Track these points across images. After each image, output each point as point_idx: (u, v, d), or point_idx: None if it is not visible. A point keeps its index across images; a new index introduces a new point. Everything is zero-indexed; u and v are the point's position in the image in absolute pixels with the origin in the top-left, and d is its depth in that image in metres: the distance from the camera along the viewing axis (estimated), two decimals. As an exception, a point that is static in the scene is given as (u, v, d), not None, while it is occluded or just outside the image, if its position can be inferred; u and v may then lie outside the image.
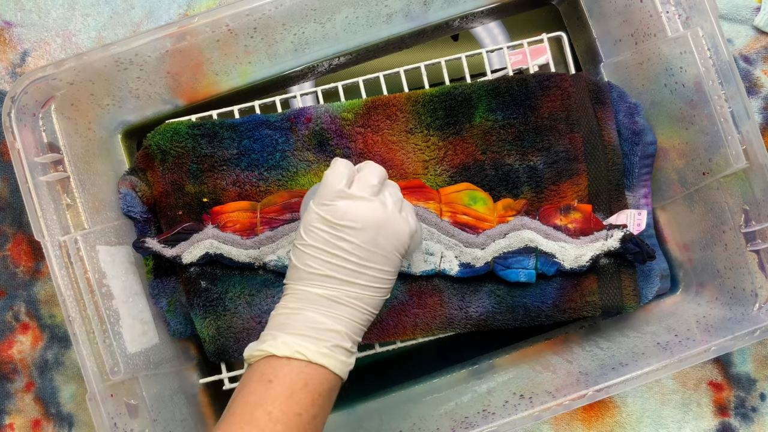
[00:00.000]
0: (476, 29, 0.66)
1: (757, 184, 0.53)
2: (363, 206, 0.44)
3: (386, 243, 0.44)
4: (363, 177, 0.45)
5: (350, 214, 0.43)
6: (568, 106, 0.57)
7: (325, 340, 0.42)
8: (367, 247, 0.43)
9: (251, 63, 0.61)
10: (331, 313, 0.43)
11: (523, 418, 0.51)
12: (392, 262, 0.45)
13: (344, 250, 0.43)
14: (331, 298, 0.43)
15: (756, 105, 0.65)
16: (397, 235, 0.45)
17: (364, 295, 0.44)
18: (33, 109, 0.53)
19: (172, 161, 0.57)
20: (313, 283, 0.44)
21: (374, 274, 0.44)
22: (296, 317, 0.43)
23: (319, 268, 0.43)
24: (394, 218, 0.45)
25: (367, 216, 0.44)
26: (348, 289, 0.43)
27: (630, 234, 0.55)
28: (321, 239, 0.44)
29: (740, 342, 0.52)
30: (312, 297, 0.43)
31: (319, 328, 0.43)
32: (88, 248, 0.53)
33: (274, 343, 0.42)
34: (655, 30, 0.56)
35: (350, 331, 0.44)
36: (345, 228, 0.43)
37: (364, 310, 0.44)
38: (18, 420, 0.62)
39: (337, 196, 0.44)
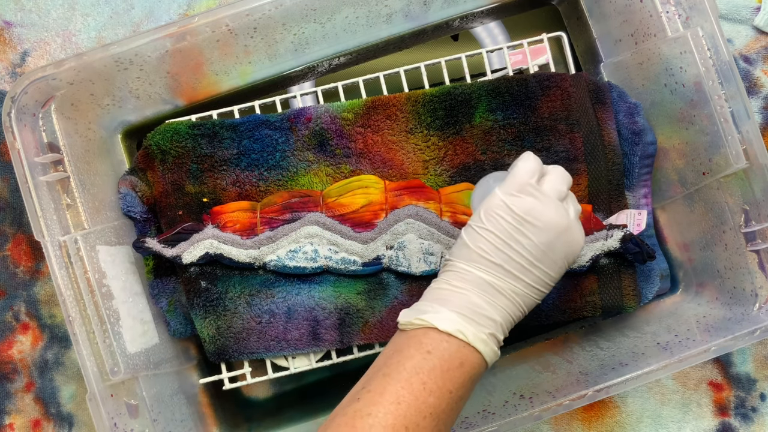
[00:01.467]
0: (476, 29, 0.66)
1: (757, 184, 0.53)
2: (551, 208, 0.44)
3: (561, 249, 0.44)
4: (553, 180, 0.46)
5: (537, 212, 0.44)
6: (568, 106, 0.57)
7: (484, 326, 0.43)
8: (543, 248, 0.44)
9: (251, 63, 0.61)
10: (493, 301, 0.43)
11: (523, 418, 0.51)
12: (560, 268, 0.45)
13: (521, 245, 0.43)
14: (495, 286, 0.43)
15: (756, 105, 0.65)
16: (572, 244, 0.45)
17: (525, 293, 0.44)
18: (33, 109, 0.53)
19: (172, 161, 0.57)
20: (481, 267, 0.44)
21: (541, 275, 0.44)
22: (459, 296, 0.43)
23: (492, 255, 0.44)
24: (574, 227, 0.45)
25: (552, 218, 0.44)
26: (513, 283, 0.44)
27: (630, 234, 0.55)
28: (501, 228, 0.44)
29: (740, 342, 0.52)
30: (477, 280, 0.43)
31: (480, 313, 0.43)
32: (88, 248, 0.53)
33: (438, 317, 0.42)
34: (655, 30, 0.56)
35: (505, 323, 0.44)
36: (528, 224, 0.44)
37: (521, 308, 0.45)
38: (18, 420, 0.62)
39: (526, 190, 0.44)
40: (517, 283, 0.44)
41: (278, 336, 0.57)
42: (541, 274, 0.44)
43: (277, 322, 0.57)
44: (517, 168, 0.45)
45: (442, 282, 0.45)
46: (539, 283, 0.45)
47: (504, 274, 0.44)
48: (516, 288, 0.44)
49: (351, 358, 0.59)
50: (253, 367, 0.59)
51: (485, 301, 0.43)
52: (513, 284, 0.44)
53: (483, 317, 0.43)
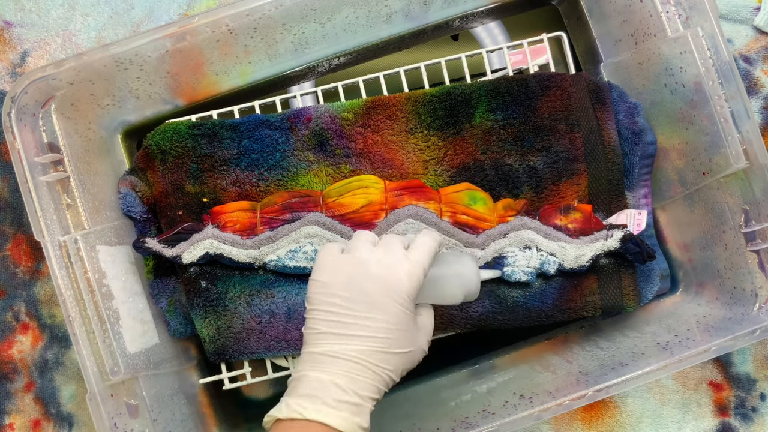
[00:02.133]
0: (476, 29, 0.66)
1: (757, 184, 0.53)
2: (346, 260, 0.45)
3: (374, 291, 0.44)
4: (351, 243, 0.47)
5: (336, 269, 0.44)
6: (568, 106, 0.57)
7: (323, 397, 0.42)
8: (355, 298, 0.44)
9: (251, 63, 0.61)
10: (331, 369, 0.43)
11: (523, 418, 0.51)
12: (390, 311, 0.44)
13: (337, 305, 0.44)
14: (329, 354, 0.43)
15: (756, 105, 0.65)
16: (385, 283, 0.44)
17: (362, 347, 0.43)
18: (33, 109, 0.53)
19: (172, 161, 0.57)
20: (314, 343, 0.44)
21: (369, 324, 0.43)
22: (301, 379, 0.43)
23: (317, 327, 0.44)
24: (379, 266, 0.45)
25: (350, 268, 0.44)
26: (344, 343, 0.43)
27: (630, 234, 0.55)
28: (318, 301, 0.44)
29: (740, 342, 0.52)
30: (315, 357, 0.44)
31: (318, 386, 0.43)
32: (88, 248, 0.53)
33: (279, 407, 0.43)
34: (655, 30, 0.56)
35: (352, 384, 0.43)
36: (333, 283, 0.44)
37: (368, 363, 0.43)
38: (18, 420, 0.62)
39: (327, 261, 0.45)
40: (350, 342, 0.43)
41: (278, 336, 0.57)
42: (368, 322, 0.43)
43: (277, 322, 0.57)
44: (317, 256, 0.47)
45: (294, 372, 0.45)
46: (377, 331, 0.43)
47: (333, 338, 0.43)
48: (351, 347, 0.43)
49: (351, 358, 0.59)
50: (253, 367, 0.59)
51: (325, 373, 0.43)
52: (346, 344, 0.43)
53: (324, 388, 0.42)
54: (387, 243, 0.47)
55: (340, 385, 0.43)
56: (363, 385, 0.43)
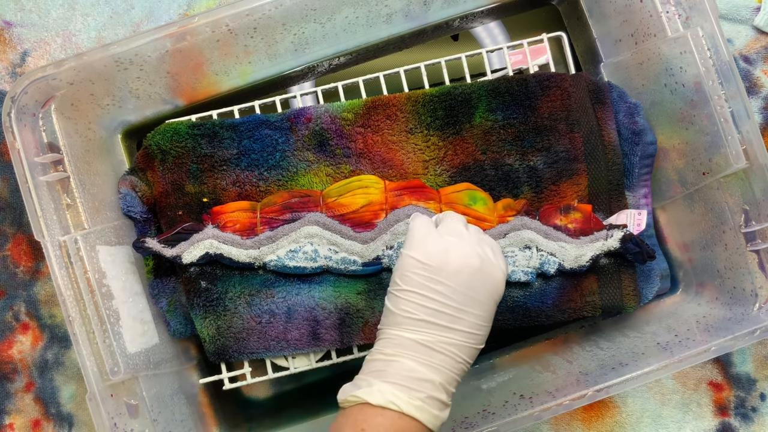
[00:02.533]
0: (476, 29, 0.66)
1: (757, 184, 0.53)
2: (457, 248, 0.44)
3: (481, 287, 0.43)
4: (448, 222, 0.46)
5: (442, 254, 0.43)
6: (568, 106, 0.57)
7: (419, 391, 0.41)
8: (463, 290, 0.43)
9: (251, 63, 0.61)
10: (427, 361, 0.42)
11: (523, 418, 0.51)
12: (487, 308, 0.44)
13: (440, 293, 0.43)
14: (426, 344, 0.42)
15: (756, 105, 0.65)
16: (492, 279, 0.44)
17: (459, 343, 0.43)
18: (33, 109, 0.53)
19: (172, 161, 0.57)
20: (408, 328, 0.43)
21: (470, 319, 0.43)
22: (392, 364, 0.42)
23: (416, 313, 0.43)
24: (489, 262, 0.44)
25: (460, 258, 0.43)
26: (444, 336, 0.43)
27: (630, 234, 0.55)
28: (417, 283, 0.43)
29: (740, 342, 0.52)
30: (407, 343, 0.42)
31: (414, 378, 0.42)
32: (88, 248, 0.53)
33: (370, 391, 0.41)
34: (655, 30, 0.56)
35: (445, 381, 0.42)
36: (439, 270, 0.43)
37: (459, 359, 0.43)
38: (18, 420, 0.62)
39: (428, 241, 0.44)
40: (449, 335, 0.43)
41: (278, 336, 0.57)
42: (470, 317, 0.43)
43: (277, 322, 0.57)
44: (411, 226, 0.45)
45: (376, 352, 0.44)
46: (472, 327, 0.43)
47: (433, 328, 0.43)
48: (449, 339, 0.43)
49: (351, 358, 0.59)
50: (253, 367, 0.59)
51: (420, 363, 0.42)
52: (445, 336, 0.43)
53: (418, 381, 0.42)
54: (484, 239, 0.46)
55: (434, 380, 0.42)
56: (452, 381, 0.43)
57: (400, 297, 0.44)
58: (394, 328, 0.43)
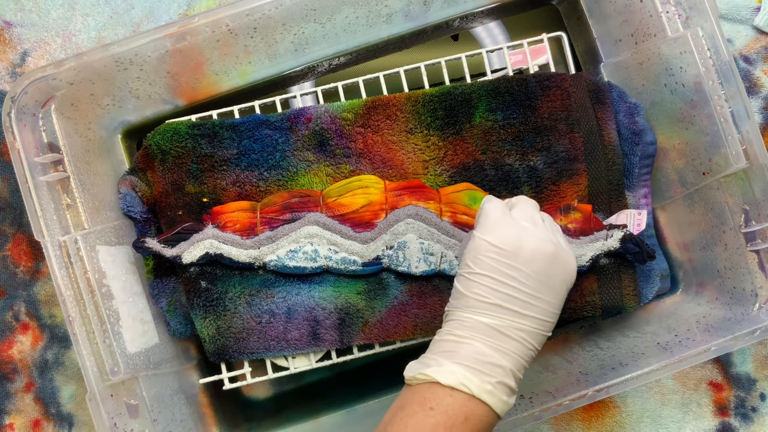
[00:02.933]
0: (476, 29, 0.66)
1: (757, 184, 0.53)
2: (532, 234, 0.43)
3: (556, 274, 0.43)
4: (522, 208, 0.45)
5: (521, 242, 0.43)
6: (568, 106, 0.57)
7: (490, 375, 0.41)
8: (537, 277, 0.43)
9: (251, 63, 0.61)
10: (498, 345, 0.42)
11: (523, 418, 0.51)
12: (560, 295, 0.44)
13: (515, 279, 0.42)
14: (498, 329, 0.42)
15: (756, 105, 0.65)
16: (566, 266, 0.44)
17: (531, 329, 0.43)
18: (33, 109, 0.53)
19: (172, 161, 0.57)
20: (481, 311, 0.42)
21: (543, 306, 0.43)
22: (463, 346, 0.42)
23: (489, 297, 0.42)
24: (562, 249, 0.44)
25: (537, 244, 0.43)
26: (516, 321, 0.42)
27: (630, 234, 0.55)
28: (491, 267, 0.43)
29: (740, 342, 0.52)
30: (479, 326, 0.42)
31: (485, 362, 0.41)
32: (88, 248, 0.53)
33: (440, 370, 0.41)
34: (655, 30, 0.56)
35: (515, 367, 0.42)
36: (514, 254, 0.42)
37: (530, 345, 0.43)
38: (18, 420, 0.62)
39: (503, 225, 0.43)
40: (521, 321, 0.42)
41: (278, 336, 0.57)
42: (543, 304, 0.43)
43: (277, 322, 0.57)
44: (485, 209, 0.45)
45: (446, 333, 0.43)
46: (544, 313, 0.43)
47: (506, 313, 0.42)
48: (521, 325, 0.42)
49: (351, 358, 0.59)
50: (253, 367, 0.59)
51: (491, 347, 0.42)
52: (517, 322, 0.42)
53: (489, 365, 0.41)
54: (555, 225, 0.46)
55: (504, 366, 0.41)
56: (521, 368, 0.43)
57: (472, 280, 0.43)
58: (465, 311, 0.43)
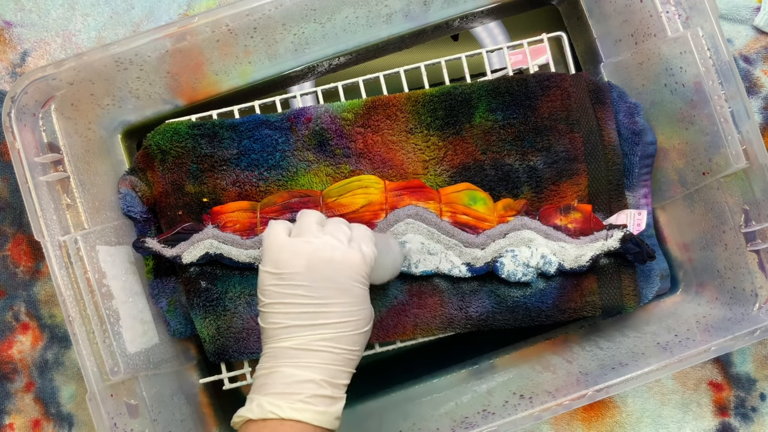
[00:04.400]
0: (476, 29, 0.66)
1: (757, 184, 0.53)
2: (302, 248, 0.44)
3: (339, 275, 0.43)
4: (299, 224, 0.46)
5: (292, 259, 0.44)
6: (568, 106, 0.57)
7: (298, 393, 0.42)
8: (322, 285, 0.43)
9: (251, 63, 0.61)
10: (303, 363, 0.42)
11: (523, 418, 0.51)
12: (354, 291, 0.44)
13: (300, 296, 0.43)
14: (299, 347, 0.43)
15: (756, 105, 0.65)
16: (348, 263, 0.44)
17: (333, 335, 0.43)
18: (33, 109, 0.53)
19: (172, 161, 0.57)
20: (280, 338, 0.43)
21: (339, 309, 0.43)
22: (272, 376, 0.43)
23: (283, 322, 0.43)
24: (339, 251, 0.44)
25: (311, 256, 0.44)
26: (314, 333, 0.43)
27: (630, 234, 0.55)
28: (276, 294, 0.44)
29: (740, 342, 0.52)
30: (282, 352, 0.43)
31: (292, 382, 0.42)
32: (88, 248, 0.53)
33: (251, 408, 0.42)
34: (655, 30, 0.56)
35: (327, 376, 0.43)
36: (292, 274, 0.43)
37: (339, 350, 0.43)
38: (18, 420, 0.62)
39: (279, 249, 0.44)
40: (318, 331, 0.43)
41: (278, 336, 0.57)
42: (338, 307, 0.43)
43: (277, 322, 0.57)
44: (263, 239, 0.46)
45: (259, 369, 0.44)
46: (343, 315, 0.44)
47: (301, 330, 0.43)
48: (320, 335, 0.43)
49: (351, 358, 0.59)
50: (253, 367, 0.59)
51: (296, 367, 0.42)
52: (315, 334, 0.43)
53: (297, 384, 0.42)
54: (336, 226, 0.46)
55: (314, 379, 0.42)
56: (336, 374, 0.43)
57: (266, 312, 0.44)
58: (268, 342, 0.44)
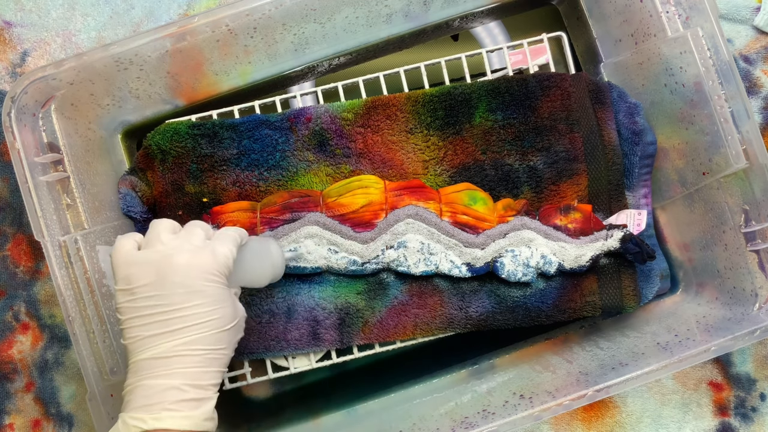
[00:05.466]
0: (476, 29, 0.66)
1: (757, 184, 0.53)
2: (149, 259, 0.43)
3: (187, 279, 0.43)
4: (148, 235, 0.45)
5: (141, 272, 0.43)
6: (568, 106, 0.57)
7: (160, 403, 0.42)
8: (170, 292, 0.43)
9: (251, 63, 0.61)
10: (162, 372, 0.42)
11: (523, 418, 0.51)
12: (209, 290, 0.44)
13: (150, 307, 0.43)
14: (158, 356, 0.42)
15: (756, 105, 0.65)
16: (197, 266, 0.44)
17: (190, 338, 0.43)
18: (33, 109, 0.53)
19: (172, 161, 0.57)
20: (139, 350, 0.43)
21: (191, 312, 0.43)
22: (134, 391, 0.42)
23: (138, 334, 0.43)
24: (186, 253, 0.44)
25: (156, 265, 0.43)
26: (171, 340, 0.43)
27: (630, 234, 0.55)
28: (129, 309, 0.43)
29: (740, 342, 0.52)
30: (142, 365, 0.43)
31: (153, 393, 0.42)
32: (88, 248, 0.53)
33: (116, 427, 0.42)
34: (655, 30, 0.56)
35: (190, 380, 0.42)
36: (143, 287, 0.43)
37: (201, 351, 0.43)
38: (18, 420, 0.62)
39: (127, 265, 0.44)
40: (177, 336, 0.43)
41: (278, 336, 0.57)
42: (195, 309, 0.43)
43: (277, 322, 0.57)
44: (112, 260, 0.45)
45: (124, 386, 0.44)
46: (201, 317, 0.43)
47: (155, 340, 0.43)
48: (179, 340, 0.43)
49: (351, 358, 0.59)
50: (253, 367, 0.59)
51: (156, 378, 0.42)
52: (174, 340, 0.43)
53: (158, 394, 0.42)
54: (188, 230, 0.46)
55: (175, 385, 0.42)
56: (200, 376, 0.43)
57: (123, 328, 0.44)
58: (130, 357, 0.44)
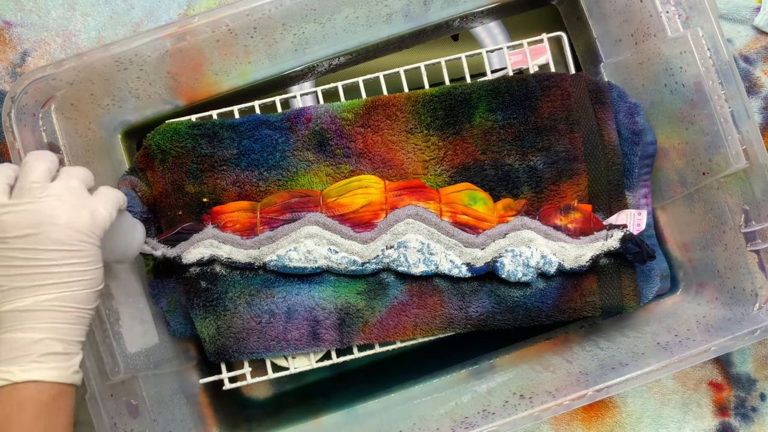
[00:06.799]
0: (476, 29, 0.66)
1: (757, 184, 0.53)
2: (23, 211, 0.42)
3: (62, 236, 0.42)
4: (20, 180, 0.43)
5: (13, 222, 0.42)
6: (568, 106, 0.58)
7: (29, 355, 0.41)
8: (43, 247, 0.42)
9: (251, 63, 0.61)
10: (29, 325, 0.42)
11: (523, 418, 0.51)
12: (81, 253, 0.43)
13: (19, 258, 0.42)
14: (22, 309, 0.42)
15: (756, 105, 0.65)
16: (75, 225, 0.43)
17: (62, 294, 0.42)
18: (33, 109, 0.53)
19: (172, 161, 0.57)
20: (3, 301, 0.42)
21: (65, 270, 0.42)
22: (1, 343, 0.42)
23: (3, 284, 0.42)
24: (63, 210, 0.43)
25: (30, 219, 0.42)
26: (39, 294, 0.42)
27: (630, 234, 0.55)
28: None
29: (740, 342, 0.52)
30: (6, 316, 0.42)
31: (20, 346, 0.41)
32: (88, 248, 0.53)
33: None
34: (655, 30, 0.56)
35: (59, 335, 0.42)
36: (15, 238, 0.42)
37: (71, 308, 0.43)
38: (18, 420, 0.62)
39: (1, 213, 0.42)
40: (43, 292, 0.42)
41: (278, 336, 0.57)
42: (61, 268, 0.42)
43: (277, 322, 0.57)
44: None
45: None
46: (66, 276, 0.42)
47: (23, 292, 0.42)
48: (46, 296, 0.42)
49: (351, 358, 0.59)
50: (253, 367, 0.59)
51: (21, 330, 0.41)
52: (39, 295, 0.42)
53: (26, 346, 0.41)
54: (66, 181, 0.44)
55: (43, 339, 0.41)
56: (69, 332, 0.43)
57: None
58: None
